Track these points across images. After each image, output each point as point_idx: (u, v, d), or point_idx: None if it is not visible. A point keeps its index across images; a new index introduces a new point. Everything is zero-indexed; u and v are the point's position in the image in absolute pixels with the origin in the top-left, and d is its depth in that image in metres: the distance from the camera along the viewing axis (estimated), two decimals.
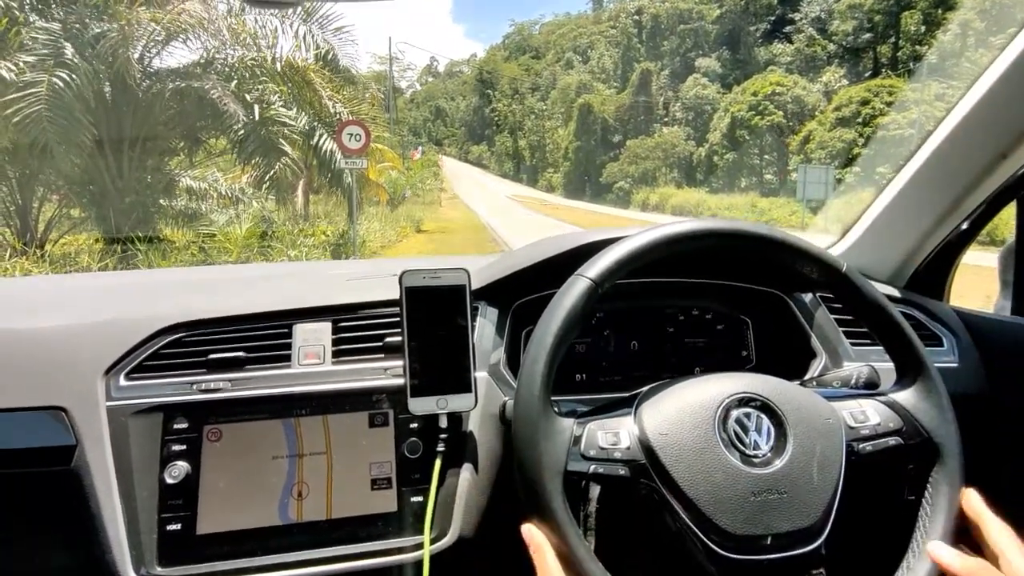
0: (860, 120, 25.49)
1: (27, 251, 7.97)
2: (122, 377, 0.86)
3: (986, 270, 1.25)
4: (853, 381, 0.88)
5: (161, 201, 10.20)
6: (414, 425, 0.87)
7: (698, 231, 0.79)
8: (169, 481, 0.80)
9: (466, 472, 0.86)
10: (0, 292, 1.28)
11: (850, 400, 0.79)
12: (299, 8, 10.75)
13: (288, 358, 0.91)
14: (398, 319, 0.90)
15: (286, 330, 0.94)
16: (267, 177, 10.94)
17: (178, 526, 0.79)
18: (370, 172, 13.57)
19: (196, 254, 8.38)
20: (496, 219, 22.99)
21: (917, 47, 29.66)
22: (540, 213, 29.65)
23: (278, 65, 11.26)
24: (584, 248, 0.94)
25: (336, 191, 12.94)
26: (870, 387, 0.86)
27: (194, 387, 0.86)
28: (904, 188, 1.08)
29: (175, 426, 0.83)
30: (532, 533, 0.68)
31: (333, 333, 0.94)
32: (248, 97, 10.45)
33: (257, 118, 10.40)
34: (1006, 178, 0.94)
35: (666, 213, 30.74)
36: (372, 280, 1.08)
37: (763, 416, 0.73)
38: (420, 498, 0.84)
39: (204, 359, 0.88)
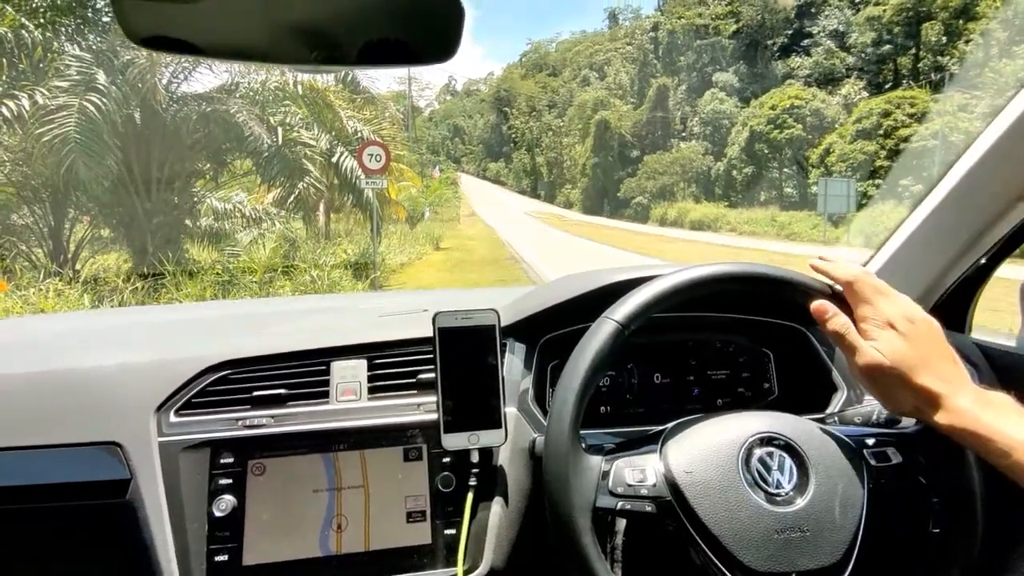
0: (881, 132, 25.25)
1: (60, 272, 8.18)
2: (172, 414, 0.91)
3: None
4: (874, 417, 0.89)
5: (187, 222, 10.45)
6: (447, 460, 0.91)
7: (724, 275, 0.82)
8: (217, 514, 0.84)
9: (497, 506, 0.89)
10: (53, 328, 1.35)
11: (871, 438, 0.81)
12: None
13: (326, 394, 0.95)
14: (430, 356, 0.94)
15: (324, 367, 0.98)
16: (291, 197, 11.18)
17: (225, 557, 0.83)
18: (390, 191, 13.75)
19: (221, 274, 8.54)
20: (515, 236, 23.10)
21: (938, 58, 29.38)
22: (558, 229, 29.75)
23: (299, 88, 11.52)
24: (611, 287, 0.97)
25: (356, 210, 13.14)
26: (891, 424, 0.87)
27: (239, 423, 0.90)
28: (923, 223, 1.09)
29: (222, 461, 0.87)
30: None
31: (369, 370, 0.98)
32: (272, 120, 10.70)
33: (280, 140, 10.65)
34: (1022, 219, 0.96)
35: (685, 228, 30.66)
36: (404, 316, 1.13)
37: (785, 455, 0.75)
38: (453, 531, 0.88)
39: (248, 396, 0.93)
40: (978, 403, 0.69)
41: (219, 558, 0.83)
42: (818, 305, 0.79)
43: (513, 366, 1.01)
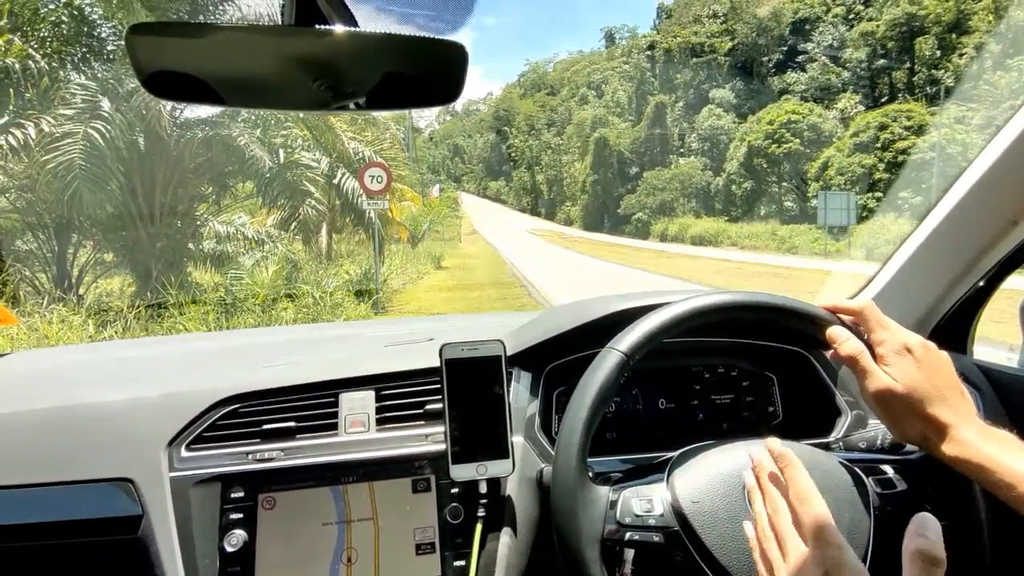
0: (879, 145, 25.43)
1: (64, 298, 8.20)
2: (183, 448, 0.91)
3: None
4: (879, 442, 0.90)
5: (190, 245, 10.52)
6: (455, 490, 0.91)
7: (730, 304, 0.83)
8: (228, 549, 0.84)
9: (506, 536, 0.89)
10: (62, 361, 1.35)
11: (877, 465, 0.81)
12: None
13: (335, 426, 0.96)
14: (437, 386, 0.94)
15: (333, 399, 0.98)
16: (292, 218, 11.26)
17: None
18: (392, 211, 13.82)
19: (224, 297, 8.56)
20: (518, 255, 23.14)
21: (933, 71, 29.66)
22: (560, 246, 29.86)
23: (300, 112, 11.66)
24: (615, 316, 0.98)
25: (359, 230, 13.21)
26: (896, 449, 0.88)
27: (249, 456, 0.91)
28: (921, 246, 1.10)
29: (232, 495, 0.88)
30: None
31: (376, 401, 0.99)
32: (274, 142, 10.83)
33: (282, 162, 10.76)
34: (1018, 242, 0.97)
35: (686, 243, 30.74)
36: (410, 346, 1.14)
37: None
38: (462, 563, 0.87)
39: (258, 429, 0.94)
40: (981, 435, 0.70)
41: None
42: (832, 330, 0.80)
43: (519, 394, 1.02)
